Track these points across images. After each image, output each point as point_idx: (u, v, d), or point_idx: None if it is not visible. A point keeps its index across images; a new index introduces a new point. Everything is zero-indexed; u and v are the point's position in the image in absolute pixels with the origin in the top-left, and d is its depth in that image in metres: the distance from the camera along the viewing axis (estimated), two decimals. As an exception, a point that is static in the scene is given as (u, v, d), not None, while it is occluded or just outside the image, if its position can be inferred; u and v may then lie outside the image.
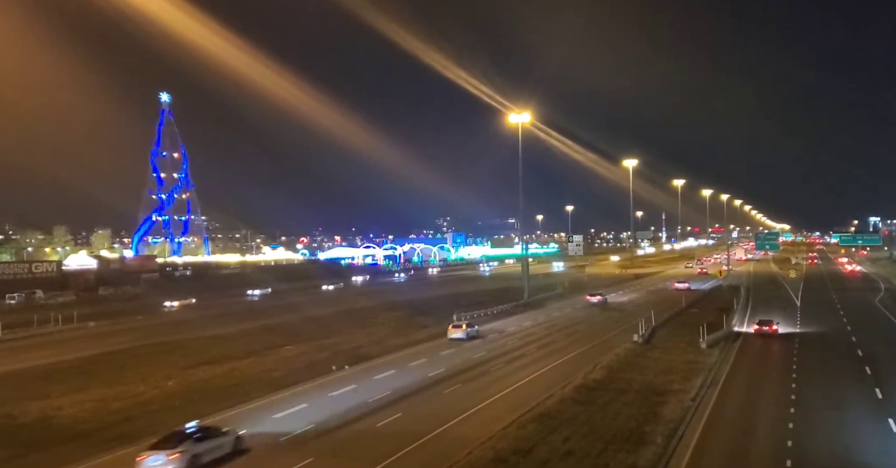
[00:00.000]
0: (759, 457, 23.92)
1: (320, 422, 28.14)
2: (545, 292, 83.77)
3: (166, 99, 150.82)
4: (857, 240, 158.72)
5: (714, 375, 36.59)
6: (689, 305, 69.22)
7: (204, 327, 57.41)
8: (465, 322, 53.20)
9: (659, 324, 53.83)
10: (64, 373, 39.50)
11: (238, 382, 36.69)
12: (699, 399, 31.22)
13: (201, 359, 43.01)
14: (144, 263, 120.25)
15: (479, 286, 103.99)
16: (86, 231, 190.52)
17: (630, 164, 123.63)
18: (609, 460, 22.39)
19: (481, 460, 22.40)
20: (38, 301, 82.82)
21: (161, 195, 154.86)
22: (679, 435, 25.76)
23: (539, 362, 41.25)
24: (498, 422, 27.26)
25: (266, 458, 24.24)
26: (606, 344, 46.93)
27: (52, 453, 25.06)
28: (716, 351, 43.34)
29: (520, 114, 75.61)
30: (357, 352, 45.40)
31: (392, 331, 54.62)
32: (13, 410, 30.88)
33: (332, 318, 63.06)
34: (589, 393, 31.56)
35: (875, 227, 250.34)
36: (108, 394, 33.92)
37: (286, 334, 53.07)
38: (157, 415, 29.94)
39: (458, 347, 47.02)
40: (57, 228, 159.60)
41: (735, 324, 54.40)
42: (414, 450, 24.68)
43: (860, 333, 50.69)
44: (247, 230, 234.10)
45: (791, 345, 46.66)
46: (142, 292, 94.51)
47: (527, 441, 24.26)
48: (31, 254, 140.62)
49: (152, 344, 50.22)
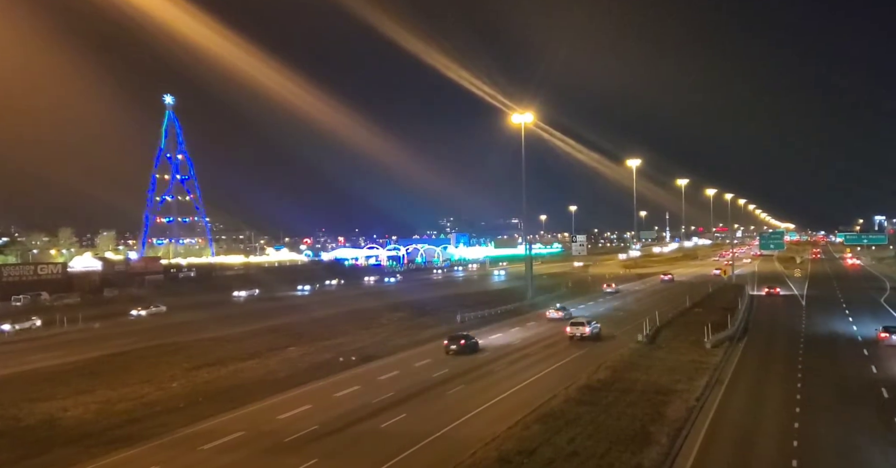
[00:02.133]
0: (764, 456, 23.83)
1: (325, 423, 28.16)
2: (549, 292, 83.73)
3: (170, 101, 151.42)
4: (862, 240, 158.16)
5: (719, 375, 36.52)
6: (694, 305, 69.04)
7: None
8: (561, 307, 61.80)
9: (663, 323, 53.72)
10: (69, 375, 39.61)
11: (242, 383, 36.74)
12: (704, 399, 31.14)
13: (205, 360, 43.08)
14: (149, 265, 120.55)
15: (482, 286, 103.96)
16: (91, 233, 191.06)
17: (634, 163, 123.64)
18: (614, 460, 22.32)
19: (486, 460, 22.37)
20: (44, 303, 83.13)
21: (165, 197, 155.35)
22: (684, 435, 25.69)
23: (543, 363, 41.18)
24: (502, 422, 27.21)
25: (271, 459, 24.24)
26: (611, 344, 46.83)
27: (57, 455, 25.14)
28: (720, 350, 43.24)
29: (523, 114, 75.62)
30: (361, 352, 45.43)
31: (396, 332, 54.62)
32: (18, 412, 30.98)
33: (335, 319, 63.07)
34: (593, 393, 31.48)
35: (880, 226, 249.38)
36: (113, 395, 34.00)
37: (290, 335, 53.13)
38: (162, 417, 30.00)
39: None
40: (62, 230, 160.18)
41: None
42: (418, 450, 24.68)
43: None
44: (251, 231, 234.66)
45: (797, 344, 46.62)
46: (146, 294, 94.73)
47: (531, 441, 24.21)
48: (37, 256, 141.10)
49: (157, 345, 50.33)
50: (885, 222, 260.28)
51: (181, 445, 26.01)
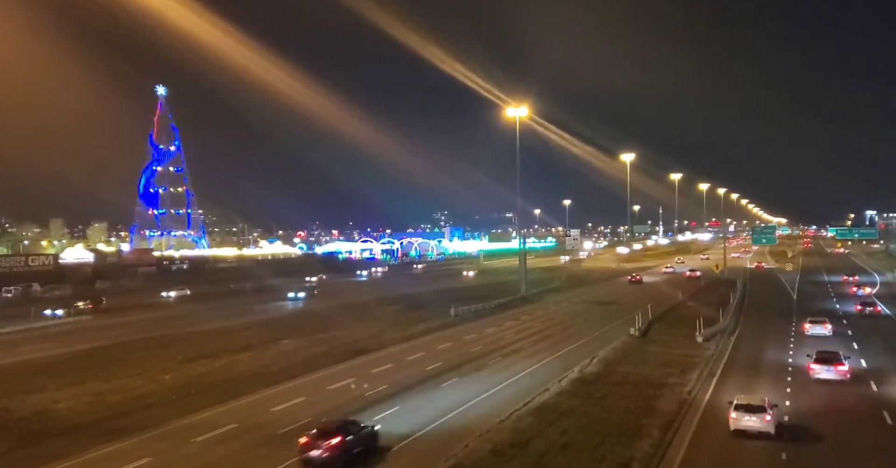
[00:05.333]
0: (754, 448, 24.04)
1: (318, 415, 28.16)
2: (542, 286, 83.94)
3: (163, 92, 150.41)
4: (853, 234, 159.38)
5: (710, 368, 36.78)
6: (686, 299, 69.41)
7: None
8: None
9: (655, 317, 53.99)
10: (61, 367, 39.39)
11: (236, 376, 36.68)
12: (695, 392, 31.37)
13: (199, 352, 42.94)
14: (141, 257, 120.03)
15: (476, 280, 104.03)
16: (82, 224, 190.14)
17: (627, 158, 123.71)
18: (606, 452, 22.48)
19: (479, 452, 22.46)
20: (35, 294, 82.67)
21: (158, 189, 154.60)
22: (675, 427, 25.89)
23: (536, 356, 41.33)
24: (495, 415, 27.33)
25: (264, 451, 24.25)
26: (604, 337, 47.04)
27: (48, 446, 25.06)
28: (712, 344, 43.53)
29: (517, 107, 75.46)
30: (355, 345, 45.44)
31: (390, 326, 54.65)
32: (10, 404, 30.80)
33: (330, 313, 63.00)
34: (586, 386, 31.65)
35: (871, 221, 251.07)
36: (105, 387, 33.87)
37: (284, 329, 53.05)
38: (155, 409, 29.95)
39: (455, 341, 47.08)
40: (53, 221, 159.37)
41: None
42: (411, 442, 24.77)
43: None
44: (244, 224, 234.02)
45: (787, 334, 46.99)
46: (138, 286, 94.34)
47: (524, 434, 24.33)
48: (28, 247, 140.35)
49: (150, 337, 50.15)
50: (875, 217, 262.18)
51: (174, 437, 25.99)
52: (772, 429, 24.76)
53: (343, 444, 22.48)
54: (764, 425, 24.70)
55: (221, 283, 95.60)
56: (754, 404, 25.46)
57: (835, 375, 33.03)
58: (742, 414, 25.08)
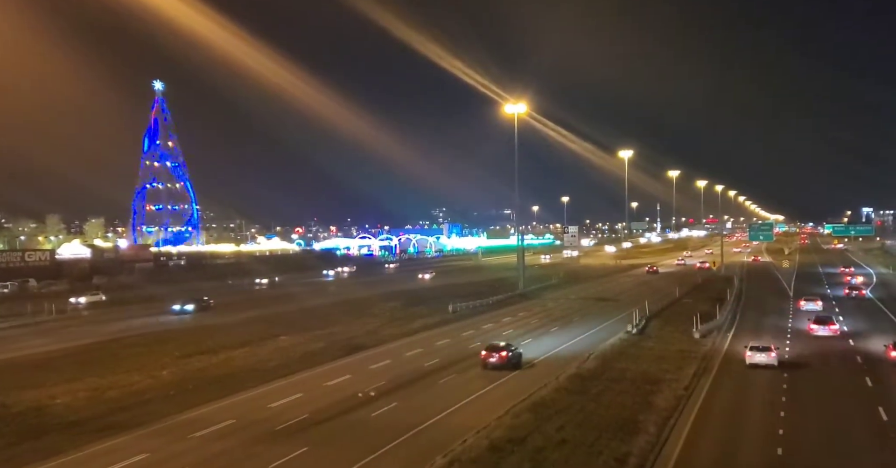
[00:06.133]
0: (749, 444, 24.15)
1: (316, 412, 28.21)
2: (540, 283, 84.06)
3: (160, 87, 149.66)
4: (849, 231, 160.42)
5: (707, 364, 36.88)
6: (683, 295, 69.56)
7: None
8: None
9: (653, 314, 54.08)
10: (58, 363, 39.33)
11: (233, 372, 36.64)
12: (692, 388, 31.46)
13: (196, 348, 42.88)
14: (139, 253, 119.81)
15: (474, 277, 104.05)
16: (79, 220, 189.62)
17: (625, 155, 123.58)
18: (603, 448, 22.54)
19: (476, 448, 22.49)
20: (32, 290, 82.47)
21: (155, 184, 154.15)
22: (672, 423, 25.97)
23: (534, 351, 41.33)
24: (493, 411, 27.37)
25: (261, 446, 24.26)
26: (601, 333, 47.12)
27: (45, 442, 25.00)
28: (709, 340, 43.63)
29: (516, 104, 75.36)
30: (352, 342, 45.44)
31: (387, 322, 54.66)
32: (7, 399, 30.72)
33: (329, 309, 62.96)
34: (583, 382, 31.71)
35: (868, 218, 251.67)
36: (103, 383, 33.80)
37: (283, 324, 53.00)
38: (152, 405, 29.91)
39: (453, 338, 47.12)
40: (50, 217, 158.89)
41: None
42: (409, 439, 24.79)
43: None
44: (241, 220, 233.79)
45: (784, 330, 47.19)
46: (136, 282, 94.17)
47: (521, 430, 24.37)
48: (24, 242, 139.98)
49: (147, 333, 50.12)
50: (872, 214, 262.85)
51: (171, 433, 25.96)
52: (775, 363, 35.29)
53: (508, 356, 35.67)
54: (769, 360, 35.33)
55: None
56: (763, 345, 36.67)
57: (828, 332, 44.70)
58: (755, 353, 35.70)
